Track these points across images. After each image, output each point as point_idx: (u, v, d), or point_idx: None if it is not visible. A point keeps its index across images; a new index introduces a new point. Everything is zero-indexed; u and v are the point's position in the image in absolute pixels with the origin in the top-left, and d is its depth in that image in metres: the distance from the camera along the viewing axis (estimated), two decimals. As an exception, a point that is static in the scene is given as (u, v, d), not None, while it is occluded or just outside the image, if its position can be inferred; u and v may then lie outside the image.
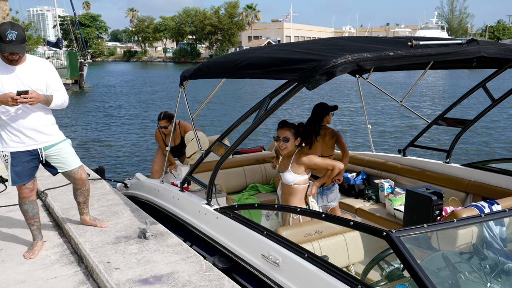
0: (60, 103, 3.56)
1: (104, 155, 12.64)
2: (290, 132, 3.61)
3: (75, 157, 3.82)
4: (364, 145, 12.89)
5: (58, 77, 3.61)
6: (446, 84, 35.29)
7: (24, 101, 3.27)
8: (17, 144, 3.50)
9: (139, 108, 22.78)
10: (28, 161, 3.57)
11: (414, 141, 5.37)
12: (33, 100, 3.31)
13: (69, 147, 3.79)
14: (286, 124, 3.65)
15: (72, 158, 3.79)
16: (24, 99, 3.25)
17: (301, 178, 3.65)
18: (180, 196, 4.22)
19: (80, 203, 4.05)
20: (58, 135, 3.72)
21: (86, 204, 4.08)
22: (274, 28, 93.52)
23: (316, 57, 2.57)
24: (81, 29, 43.64)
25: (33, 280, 3.36)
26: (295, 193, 3.68)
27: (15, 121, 3.46)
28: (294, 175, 3.64)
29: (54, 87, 3.53)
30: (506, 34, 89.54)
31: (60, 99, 3.55)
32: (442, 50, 2.69)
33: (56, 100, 3.51)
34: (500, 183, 4.35)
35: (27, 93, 3.26)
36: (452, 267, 2.54)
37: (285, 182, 3.69)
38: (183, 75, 4.25)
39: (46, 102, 3.46)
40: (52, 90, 3.53)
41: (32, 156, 3.58)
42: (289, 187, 3.67)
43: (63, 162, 3.74)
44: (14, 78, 3.37)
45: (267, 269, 2.98)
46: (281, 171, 3.74)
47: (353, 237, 3.23)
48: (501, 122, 17.21)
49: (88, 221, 4.13)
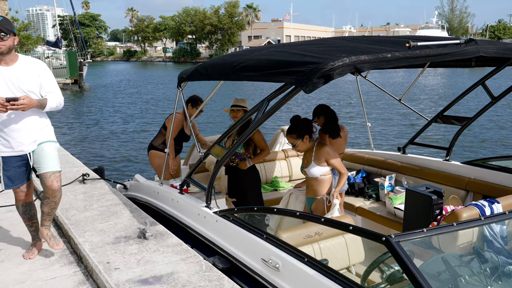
0: (55, 106, 3.39)
1: (104, 155, 12.64)
2: (292, 138, 3.93)
3: (54, 161, 3.45)
4: (364, 143, 12.88)
5: (52, 78, 3.44)
6: (445, 82, 35.25)
7: (14, 108, 3.11)
8: (6, 149, 3.37)
9: (139, 108, 22.76)
10: (19, 166, 3.44)
11: (414, 139, 5.37)
12: (24, 107, 3.14)
13: (51, 148, 3.47)
14: (288, 132, 3.97)
15: (50, 160, 3.42)
16: (13, 105, 3.09)
17: (326, 170, 3.94)
18: (180, 199, 4.21)
19: (43, 213, 3.61)
20: (47, 137, 3.48)
21: (50, 217, 3.66)
22: (274, 27, 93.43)
23: (313, 60, 2.56)
24: (81, 29, 43.63)
25: (32, 280, 3.37)
26: (323, 183, 3.96)
27: (7, 126, 3.30)
28: (318, 167, 3.91)
29: (48, 89, 3.36)
30: (507, 33, 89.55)
31: (54, 102, 3.38)
32: (440, 51, 2.69)
33: (50, 103, 3.34)
34: (501, 180, 4.35)
35: (17, 100, 3.09)
36: (452, 270, 2.53)
37: (311, 176, 3.96)
38: (181, 77, 4.24)
39: (40, 106, 3.28)
40: (46, 91, 3.36)
41: (23, 160, 3.44)
42: (316, 179, 3.95)
43: (40, 162, 3.42)
44: (5, 79, 3.20)
45: (267, 273, 2.97)
46: (305, 166, 4.00)
47: (354, 238, 3.23)
48: (501, 119, 17.19)
49: (44, 235, 3.68)
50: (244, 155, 4.68)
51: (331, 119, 4.73)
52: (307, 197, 4.12)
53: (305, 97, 24.00)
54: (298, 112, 6.50)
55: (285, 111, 18.93)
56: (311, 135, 3.95)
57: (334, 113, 4.78)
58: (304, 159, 4.06)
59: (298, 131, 3.90)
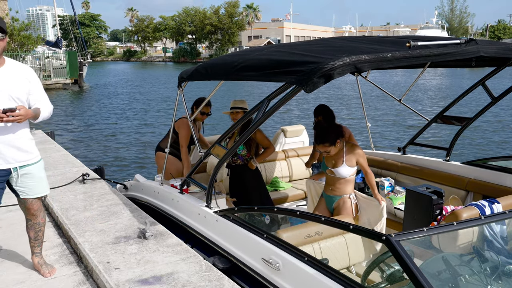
0: (47, 115, 3.13)
1: (104, 155, 12.64)
2: (326, 147, 3.84)
3: (44, 184, 3.24)
4: (364, 144, 12.89)
5: (40, 84, 3.16)
6: (445, 82, 35.27)
7: (11, 120, 2.80)
8: None
9: (139, 108, 22.77)
10: None
11: (414, 139, 5.37)
12: (21, 118, 2.84)
13: (42, 170, 3.23)
14: (321, 141, 3.84)
15: (41, 185, 3.22)
16: (11, 117, 2.80)
17: (354, 170, 3.96)
18: (180, 199, 4.21)
19: (30, 239, 3.38)
20: (36, 153, 3.19)
21: (37, 242, 3.40)
22: (274, 27, 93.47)
23: (313, 59, 2.56)
24: (81, 29, 43.65)
25: (32, 280, 3.37)
26: (351, 183, 4.00)
27: None
28: (349, 168, 3.92)
29: (37, 96, 3.07)
30: (507, 33, 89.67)
31: (47, 111, 3.12)
32: (441, 51, 2.69)
33: (43, 113, 3.07)
34: (501, 181, 4.36)
35: (14, 111, 2.80)
36: (452, 270, 2.54)
37: (339, 176, 3.93)
38: (181, 77, 4.25)
39: (34, 116, 2.99)
40: (35, 99, 3.07)
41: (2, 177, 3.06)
42: (345, 179, 3.95)
43: (29, 187, 3.15)
44: None
45: (267, 273, 2.97)
46: (333, 166, 3.94)
47: (354, 238, 3.23)
48: (501, 119, 17.20)
49: (35, 264, 3.46)
50: (246, 157, 4.68)
51: (328, 119, 4.73)
52: (330, 195, 4.07)
53: (306, 98, 24.00)
54: (298, 112, 6.49)
55: (284, 111, 18.94)
56: (342, 138, 3.93)
57: (332, 114, 4.78)
58: (329, 159, 3.97)
59: (330, 139, 3.82)
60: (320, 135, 3.86)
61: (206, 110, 5.19)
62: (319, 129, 3.94)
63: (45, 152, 7.14)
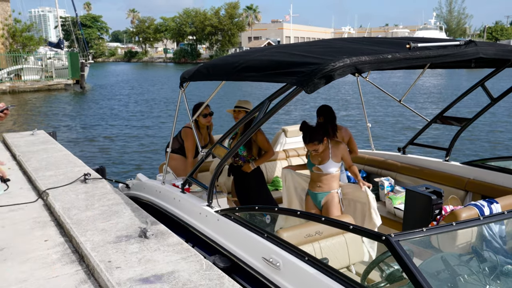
0: None
1: (105, 155, 12.67)
2: (315, 145, 3.95)
3: None
4: (364, 144, 12.90)
5: None
6: (445, 83, 35.25)
7: None
8: None
9: (140, 108, 22.80)
10: None
11: (414, 139, 5.40)
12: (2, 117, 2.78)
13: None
14: (309, 140, 3.95)
15: None
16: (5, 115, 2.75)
17: (339, 165, 4.13)
18: (181, 198, 4.23)
19: None
20: None
21: None
22: (274, 28, 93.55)
23: (314, 60, 2.58)
24: (82, 30, 43.67)
25: (34, 279, 3.38)
26: (336, 178, 4.14)
27: None
28: (335, 164, 4.06)
29: None
30: (504, 35, 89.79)
31: None
32: (440, 52, 2.71)
33: None
34: (500, 181, 4.37)
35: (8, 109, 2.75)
36: (451, 269, 2.55)
37: (326, 172, 4.04)
38: (183, 77, 4.27)
39: None
40: None
41: None
42: (331, 175, 4.08)
43: None
44: None
45: (268, 272, 2.99)
46: (319, 163, 4.05)
47: (354, 237, 3.25)
48: (500, 120, 17.20)
49: None
50: (247, 158, 4.70)
51: (329, 119, 4.76)
52: (317, 192, 4.15)
53: (304, 96, 24.02)
54: (298, 112, 6.51)
55: (285, 112, 18.95)
56: (328, 135, 4.05)
57: (333, 115, 4.81)
58: (316, 156, 4.08)
59: (318, 137, 3.94)
60: (308, 134, 3.98)
61: (206, 111, 5.22)
62: (306, 128, 4.03)
63: (47, 152, 7.16)
